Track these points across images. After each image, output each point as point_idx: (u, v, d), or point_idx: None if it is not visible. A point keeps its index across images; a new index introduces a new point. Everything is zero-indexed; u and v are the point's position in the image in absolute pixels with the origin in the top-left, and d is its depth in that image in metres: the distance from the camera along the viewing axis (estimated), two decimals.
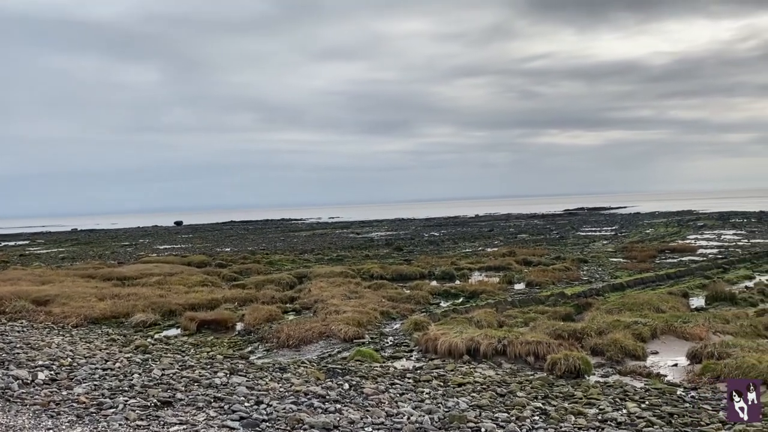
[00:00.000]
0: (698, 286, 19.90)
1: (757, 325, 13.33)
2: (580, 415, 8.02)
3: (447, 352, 11.52)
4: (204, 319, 15.18)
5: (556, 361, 10.36)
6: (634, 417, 7.95)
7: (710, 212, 74.34)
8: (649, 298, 16.23)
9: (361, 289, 19.87)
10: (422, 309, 17.04)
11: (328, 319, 14.23)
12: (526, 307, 16.41)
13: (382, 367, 10.72)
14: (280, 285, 21.61)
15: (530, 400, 8.72)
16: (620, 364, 10.84)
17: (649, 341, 12.27)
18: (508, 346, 11.39)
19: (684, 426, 7.66)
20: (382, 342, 13.01)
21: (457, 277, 24.11)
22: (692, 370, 10.29)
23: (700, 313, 14.89)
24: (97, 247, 49.90)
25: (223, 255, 36.22)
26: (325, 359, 11.50)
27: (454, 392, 9.06)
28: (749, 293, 17.86)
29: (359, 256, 33.11)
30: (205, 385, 8.90)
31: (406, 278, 23.56)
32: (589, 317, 14.35)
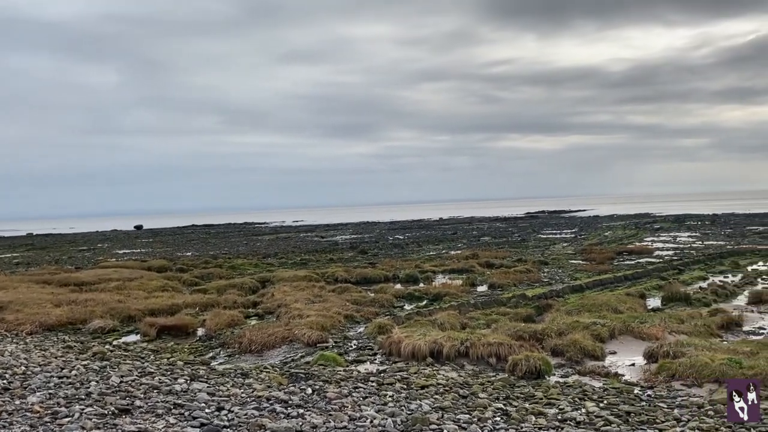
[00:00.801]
0: (655, 287, 20.42)
1: (710, 325, 13.75)
2: (540, 416, 8.14)
3: (410, 355, 11.56)
4: (164, 324, 14.93)
5: (518, 362, 10.50)
6: (592, 416, 8.10)
7: (666, 215, 76.34)
8: (607, 299, 16.58)
9: (325, 292, 19.81)
10: (386, 312, 17.07)
11: (292, 324, 14.14)
12: (489, 309, 16.59)
13: (345, 371, 10.71)
14: (243, 289, 21.39)
15: (492, 401, 8.82)
16: (579, 365, 11.05)
17: (607, 341, 12.54)
18: (470, 348, 11.50)
19: (641, 424, 7.84)
20: (346, 346, 12.99)
21: (421, 279, 24.23)
22: (649, 369, 10.54)
23: (656, 314, 15.29)
24: (53, 252, 48.59)
25: (184, 259, 35.65)
26: (288, 364, 11.42)
27: (417, 395, 9.10)
28: (703, 294, 18.40)
29: (323, 260, 33.01)
30: (165, 392, 8.75)
31: (370, 281, 23.57)
32: (549, 318, 14.60)
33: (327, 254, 37.03)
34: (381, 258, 33.27)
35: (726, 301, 17.92)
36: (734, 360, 9.96)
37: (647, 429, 7.64)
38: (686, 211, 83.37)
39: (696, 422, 7.85)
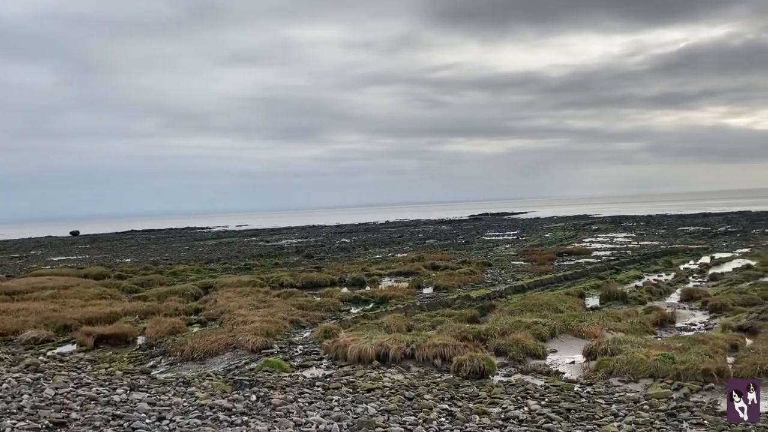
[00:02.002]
0: (593, 286, 21.06)
1: (645, 322, 14.28)
2: (484, 415, 8.28)
3: (357, 359, 11.56)
4: (102, 333, 14.44)
5: (462, 362, 10.65)
6: (534, 414, 8.29)
7: (604, 216, 78.84)
8: (548, 299, 17.00)
9: (270, 298, 19.58)
10: (333, 316, 17.01)
11: (235, 330, 13.91)
12: (434, 311, 16.76)
13: (291, 377, 10.61)
14: (185, 296, 20.92)
15: (437, 402, 8.91)
16: (522, 363, 11.29)
17: (548, 340, 12.86)
18: (416, 350, 11.58)
19: (580, 420, 8.07)
20: (292, 351, 12.88)
21: (368, 283, 24.26)
22: (588, 366, 10.87)
23: (594, 312, 15.77)
24: None
25: (123, 266, 34.59)
26: (232, 371, 11.23)
27: (363, 398, 9.11)
28: (639, 292, 19.08)
29: (268, 265, 32.63)
30: (103, 403, 8.45)
31: (316, 286, 23.44)
32: (492, 319, 14.86)
33: (272, 259, 36.62)
34: (327, 262, 33.14)
35: (660, 299, 18.65)
36: (668, 356, 10.38)
37: (587, 425, 7.86)
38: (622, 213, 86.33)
39: (632, 417, 8.13)
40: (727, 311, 15.72)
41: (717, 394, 9.18)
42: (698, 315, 16.02)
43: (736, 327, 13.45)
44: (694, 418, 8.04)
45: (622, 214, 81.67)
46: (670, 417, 8.14)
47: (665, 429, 7.64)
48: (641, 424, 7.84)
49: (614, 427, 7.71)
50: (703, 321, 15.22)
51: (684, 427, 7.71)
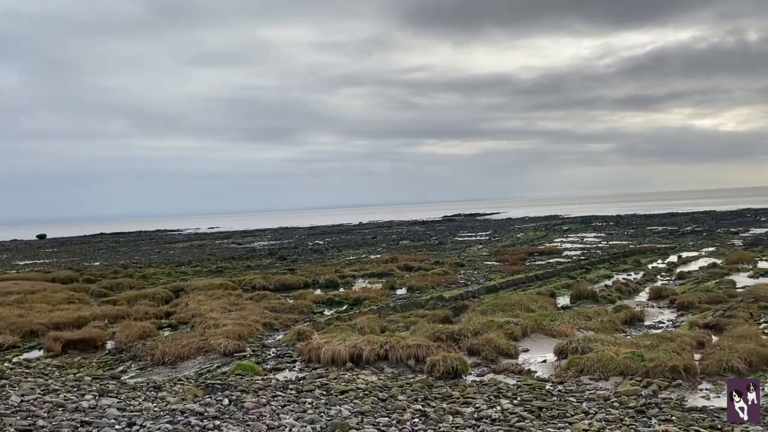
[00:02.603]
0: (564, 285, 21.32)
1: (615, 321, 14.51)
2: (457, 415, 8.32)
3: (330, 361, 11.52)
4: (70, 338, 14.15)
5: (435, 362, 10.69)
6: (507, 413, 8.36)
7: (574, 217, 79.92)
8: (520, 299, 17.17)
9: (242, 301, 19.42)
10: (306, 318, 16.94)
11: (207, 334, 13.77)
12: (408, 312, 16.80)
13: (263, 380, 10.53)
14: (155, 300, 20.63)
15: (411, 402, 8.93)
16: (495, 363, 11.37)
17: (520, 339, 12.98)
18: (390, 351, 11.59)
19: (552, 419, 8.16)
20: (265, 354, 12.79)
21: (341, 284, 24.21)
22: (559, 365, 11.00)
23: (565, 311, 15.96)
24: None
25: (92, 270, 33.95)
26: (204, 375, 11.11)
27: (337, 400, 9.08)
28: (608, 291, 19.37)
29: (240, 267, 32.35)
30: (71, 410, 8.30)
31: (289, 288, 23.31)
32: (465, 319, 14.95)
33: (244, 261, 36.32)
34: (300, 264, 32.98)
35: (629, 297, 18.95)
36: (637, 353, 10.55)
37: (558, 423, 7.96)
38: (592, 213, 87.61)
39: (603, 414, 8.25)
40: (694, 309, 16.05)
41: (685, 390, 9.37)
42: (666, 313, 16.33)
43: (703, 324, 13.74)
44: (663, 414, 8.19)
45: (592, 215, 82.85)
46: (639, 414, 8.28)
47: (635, 426, 7.77)
48: (611, 421, 7.96)
49: (585, 424, 7.81)
50: (670, 319, 15.51)
51: (653, 423, 7.85)
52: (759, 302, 16.26)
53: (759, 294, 17.13)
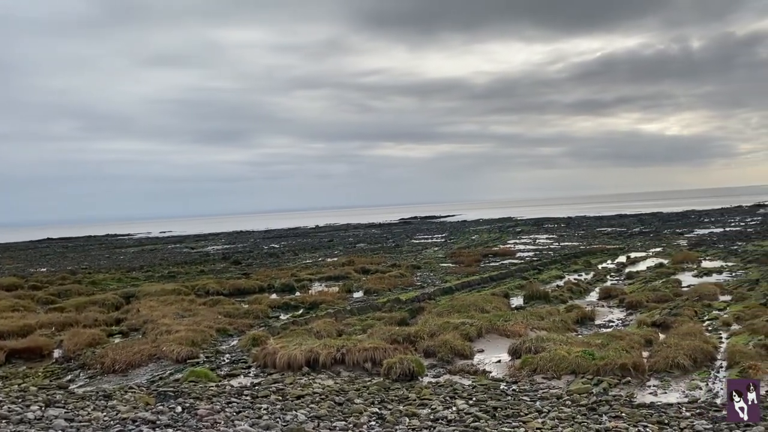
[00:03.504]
0: (517, 286, 21.68)
1: (566, 320, 14.82)
2: (413, 417, 8.36)
3: (286, 366, 11.43)
4: (14, 347, 13.63)
5: (392, 365, 10.72)
6: (462, 414, 8.44)
7: (527, 219, 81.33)
8: (475, 300, 17.37)
9: (195, 306, 19.08)
10: (261, 323, 16.76)
11: (159, 340, 13.48)
12: (365, 315, 16.81)
13: (218, 386, 10.37)
14: (105, 306, 20.07)
15: (367, 405, 8.93)
16: (450, 364, 11.47)
17: (475, 340, 13.13)
18: (346, 354, 11.56)
19: (506, 418, 8.28)
20: (219, 360, 12.59)
21: (297, 288, 24.04)
22: (513, 364, 11.17)
23: (519, 312, 16.23)
24: None
25: (38, 276, 32.82)
26: (156, 382, 10.87)
27: (293, 405, 9.01)
28: (560, 291, 19.79)
29: (194, 272, 31.78)
30: (16, 422, 8.00)
31: (244, 293, 23.02)
32: (422, 321, 15.04)
33: (197, 266, 35.69)
34: (255, 268, 32.61)
35: (580, 297, 19.41)
36: (588, 352, 10.81)
37: (512, 422, 8.08)
38: (545, 215, 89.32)
39: (555, 412, 8.42)
40: (642, 308, 16.54)
41: (634, 387, 9.64)
42: (616, 312, 16.77)
43: (651, 323, 14.17)
44: (613, 411, 8.41)
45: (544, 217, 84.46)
46: (590, 411, 8.48)
47: (586, 423, 7.95)
48: (564, 419, 8.13)
49: (538, 423, 7.96)
50: (620, 318, 15.93)
51: (603, 421, 8.05)
52: (703, 300, 16.89)
53: (703, 292, 17.79)
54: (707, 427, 7.65)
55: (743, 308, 15.25)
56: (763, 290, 17.96)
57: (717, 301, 17.03)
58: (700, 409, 8.44)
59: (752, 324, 13.13)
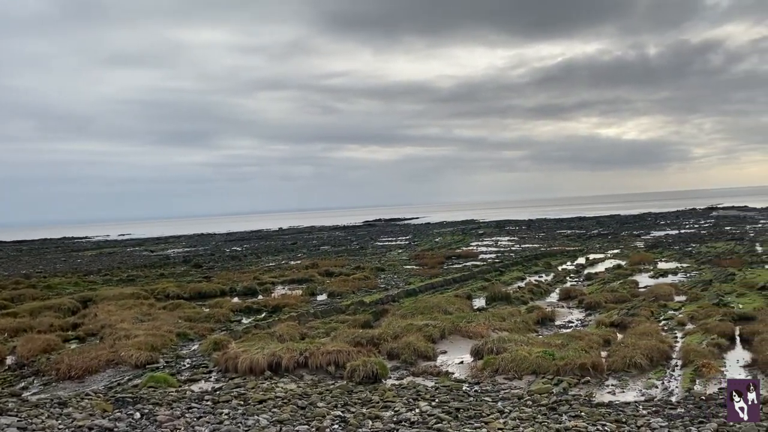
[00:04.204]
0: (480, 288, 21.89)
1: (527, 321, 15.03)
2: (377, 419, 8.36)
3: (248, 370, 11.30)
4: None
5: (355, 368, 10.69)
6: (425, 415, 8.47)
7: (489, 221, 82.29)
8: (438, 302, 17.48)
9: (155, 310, 18.74)
10: (223, 327, 16.54)
11: (117, 345, 13.18)
12: (328, 318, 16.74)
13: (178, 392, 10.19)
14: (61, 311, 19.54)
15: (330, 409, 8.89)
16: (414, 366, 11.51)
17: (438, 342, 13.21)
18: (309, 358, 11.50)
19: (469, 419, 8.34)
20: (179, 365, 12.38)
21: (260, 292, 23.81)
22: (475, 365, 11.27)
23: (481, 313, 16.40)
24: None
25: None
26: (114, 389, 10.63)
27: (255, 410, 8.92)
28: (521, 293, 20.06)
29: (153, 276, 31.20)
30: None
31: (205, 296, 22.70)
32: (385, 323, 15.05)
33: (157, 269, 35.06)
34: (217, 271, 32.19)
35: (541, 298, 19.71)
36: (548, 352, 10.98)
37: (474, 423, 8.15)
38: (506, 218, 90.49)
39: (517, 412, 8.52)
40: (601, 308, 16.88)
41: (593, 387, 9.83)
42: (575, 313, 17.07)
43: (609, 323, 14.47)
44: (573, 411, 8.56)
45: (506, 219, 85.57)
46: (551, 411, 8.60)
47: (546, 423, 8.06)
48: (525, 419, 8.23)
49: (500, 423, 8.04)
50: (579, 318, 16.23)
51: (563, 420, 8.17)
52: (659, 301, 17.33)
53: (659, 293, 18.26)
54: (663, 424, 7.84)
55: (697, 308, 15.71)
56: (716, 290, 18.53)
57: (672, 302, 17.50)
58: (656, 407, 8.65)
59: (706, 323, 13.53)
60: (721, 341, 12.01)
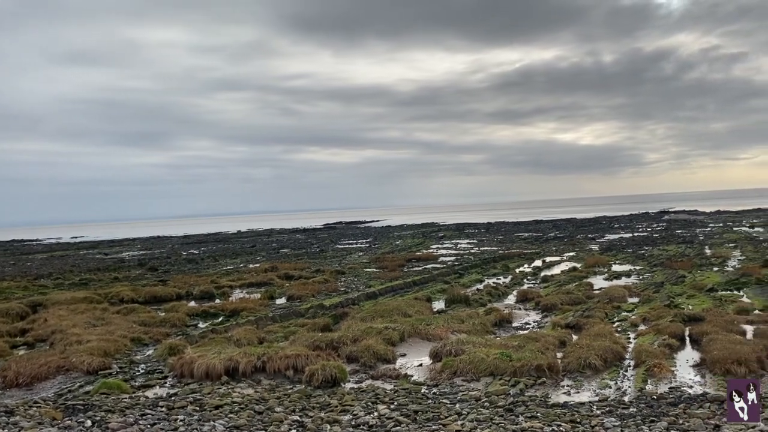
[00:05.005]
0: (439, 290, 22.03)
1: (486, 323, 15.20)
2: (335, 423, 8.32)
3: (205, 375, 11.12)
4: None
5: (314, 372, 10.63)
6: (384, 418, 8.48)
7: (449, 224, 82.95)
8: (398, 304, 17.52)
9: (108, 315, 18.28)
10: (179, 332, 16.23)
11: (69, 351, 12.81)
12: (287, 321, 16.61)
13: (131, 398, 9.96)
14: (9, 316, 18.88)
15: (288, 414, 8.81)
16: (373, 369, 11.51)
17: (398, 344, 13.24)
18: (267, 362, 11.38)
19: (427, 421, 8.37)
20: (133, 371, 12.10)
21: (218, 295, 23.47)
22: (434, 368, 11.33)
23: (440, 315, 16.50)
24: None
25: None
26: (65, 396, 10.31)
27: (211, 415, 8.77)
28: (480, 295, 20.27)
29: (107, 279, 30.43)
30: None
31: (161, 300, 22.25)
32: (345, 326, 15.01)
33: (111, 273, 34.20)
34: (173, 275, 31.58)
35: (499, 300, 19.94)
36: (505, 354, 11.11)
37: (432, 425, 8.18)
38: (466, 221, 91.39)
39: (474, 414, 8.60)
40: (557, 310, 17.17)
41: (548, 388, 9.99)
42: (532, 314, 17.34)
43: (564, 324, 14.74)
44: (529, 412, 8.67)
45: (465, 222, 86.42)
46: (507, 412, 8.71)
47: (503, 424, 8.16)
48: (482, 420, 8.30)
49: (458, 425, 8.09)
50: (536, 320, 16.48)
51: (520, 421, 8.28)
52: (613, 302, 17.73)
53: (613, 295, 18.69)
54: (616, 423, 8.01)
55: (649, 309, 16.13)
56: (667, 292, 19.07)
57: (626, 303, 17.93)
58: (610, 406, 8.83)
59: (657, 324, 13.91)
60: (672, 342, 12.36)
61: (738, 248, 32.41)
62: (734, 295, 18.38)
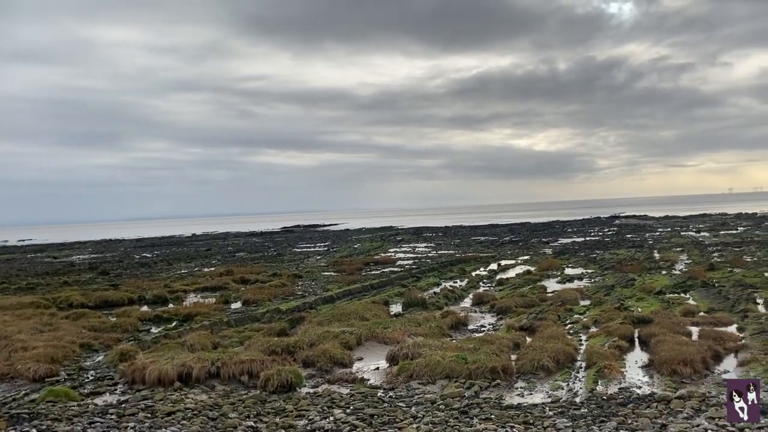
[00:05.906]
0: (397, 294, 22.11)
1: (442, 326, 15.31)
2: (290, 428, 8.27)
3: (157, 381, 10.88)
4: None
5: (269, 377, 10.53)
6: (340, 423, 8.46)
7: (407, 228, 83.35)
8: (356, 308, 17.50)
9: (56, 320, 17.72)
10: (130, 337, 15.85)
11: (13, 358, 12.38)
12: (242, 326, 16.40)
13: (80, 406, 9.68)
14: None
15: (242, 419, 8.71)
16: (329, 373, 11.46)
17: (355, 348, 13.22)
18: (222, 368, 11.22)
19: (383, 425, 8.40)
20: (82, 378, 11.76)
21: (171, 300, 23.00)
22: (391, 371, 11.36)
23: (398, 319, 16.56)
24: None
25: None
26: (9, 404, 9.95)
27: (163, 422, 8.61)
28: (437, 298, 20.41)
29: (56, 283, 29.51)
30: None
31: (112, 305, 21.68)
32: (302, 330, 14.92)
33: (60, 277, 33.19)
34: (125, 279, 30.84)
35: (455, 303, 20.11)
36: (461, 356, 11.22)
37: (388, 429, 8.21)
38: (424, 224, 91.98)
39: (430, 417, 8.65)
40: (511, 313, 17.42)
41: (503, 390, 10.12)
42: (487, 317, 17.55)
43: (519, 327, 14.96)
44: (483, 414, 8.78)
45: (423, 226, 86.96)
46: (462, 414, 8.79)
47: (458, 426, 8.24)
48: (437, 423, 8.37)
49: (413, 428, 8.14)
50: (491, 322, 16.69)
51: (474, 423, 8.38)
52: (565, 305, 18.09)
53: (565, 298, 19.06)
54: (567, 424, 8.18)
55: (600, 312, 16.51)
56: (618, 295, 19.57)
57: (578, 306, 18.30)
58: (562, 407, 9.01)
59: (608, 326, 14.25)
60: (621, 343, 12.68)
61: (685, 252, 33.48)
62: (681, 298, 18.98)
